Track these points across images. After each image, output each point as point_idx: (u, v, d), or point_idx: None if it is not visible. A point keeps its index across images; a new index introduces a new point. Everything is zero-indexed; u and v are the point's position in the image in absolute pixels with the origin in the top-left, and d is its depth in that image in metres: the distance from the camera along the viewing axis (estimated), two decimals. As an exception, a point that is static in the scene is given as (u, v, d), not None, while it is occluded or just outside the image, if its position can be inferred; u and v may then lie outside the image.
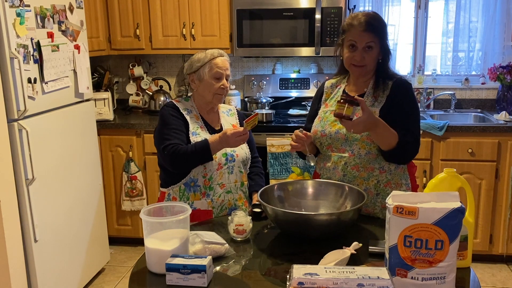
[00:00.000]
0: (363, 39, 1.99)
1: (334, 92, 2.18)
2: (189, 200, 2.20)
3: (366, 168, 2.03)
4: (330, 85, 2.22)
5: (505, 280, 3.35)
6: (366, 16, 2.01)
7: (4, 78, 2.50)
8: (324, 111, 2.15)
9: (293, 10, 3.59)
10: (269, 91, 4.04)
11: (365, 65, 2.02)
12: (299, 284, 1.24)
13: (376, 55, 2.02)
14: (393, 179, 2.06)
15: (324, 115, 2.13)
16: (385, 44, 2.04)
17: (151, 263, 1.61)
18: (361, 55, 2.00)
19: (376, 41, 2.00)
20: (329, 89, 2.22)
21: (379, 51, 2.03)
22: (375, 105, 2.03)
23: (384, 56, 2.06)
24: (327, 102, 2.18)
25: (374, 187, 2.05)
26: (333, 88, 2.20)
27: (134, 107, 4.16)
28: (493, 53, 3.86)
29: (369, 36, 1.98)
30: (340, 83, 2.19)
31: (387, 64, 2.08)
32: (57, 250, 2.93)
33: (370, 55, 2.01)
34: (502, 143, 3.34)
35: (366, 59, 2.01)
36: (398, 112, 1.99)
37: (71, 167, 3.07)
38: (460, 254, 1.53)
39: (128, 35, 3.87)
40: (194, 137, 2.17)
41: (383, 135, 1.93)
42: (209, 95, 2.22)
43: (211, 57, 2.20)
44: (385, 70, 2.07)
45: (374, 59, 2.03)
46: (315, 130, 2.13)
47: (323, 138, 2.10)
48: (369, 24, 1.98)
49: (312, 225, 1.74)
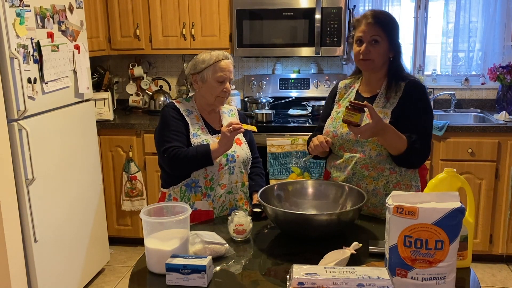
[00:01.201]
0: (368, 32, 1.99)
1: (348, 92, 2.18)
2: (190, 201, 2.20)
3: (376, 168, 2.03)
4: (344, 86, 2.22)
5: (505, 280, 3.35)
6: (374, 11, 2.03)
7: (4, 78, 2.50)
8: (337, 111, 2.16)
9: (293, 10, 3.59)
10: (269, 91, 4.04)
11: (371, 60, 2.01)
12: (299, 284, 1.24)
13: (383, 50, 2.01)
14: (403, 181, 2.06)
15: (336, 116, 2.14)
16: (394, 41, 2.03)
17: (151, 263, 1.61)
18: (366, 49, 1.99)
19: (383, 36, 1.99)
20: (342, 89, 2.21)
21: (387, 47, 2.01)
22: (387, 106, 2.02)
23: (395, 54, 2.04)
24: (340, 103, 2.18)
25: (383, 187, 2.05)
26: (347, 88, 2.20)
27: (134, 107, 4.16)
28: (493, 53, 3.86)
29: (375, 29, 1.98)
30: (354, 83, 2.19)
31: (399, 63, 2.06)
32: (57, 250, 2.93)
33: (376, 49, 1.99)
34: (502, 143, 3.33)
35: (372, 53, 1.99)
36: (410, 115, 1.99)
37: (71, 167, 3.07)
38: (460, 254, 1.53)
39: (128, 35, 3.87)
40: (195, 138, 2.17)
41: (392, 141, 1.94)
42: (211, 97, 2.21)
43: (216, 60, 2.18)
44: (397, 70, 2.06)
45: (381, 54, 2.01)
46: (327, 130, 2.14)
47: (335, 139, 2.10)
48: (376, 18, 1.99)
49: (312, 225, 1.74)
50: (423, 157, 2.03)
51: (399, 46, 2.05)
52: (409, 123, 1.98)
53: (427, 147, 2.02)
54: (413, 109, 2.00)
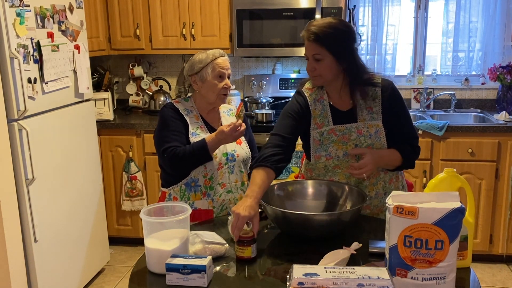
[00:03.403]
0: (309, 50, 1.93)
1: (320, 108, 2.03)
2: (190, 200, 2.20)
3: (373, 175, 2.05)
4: (313, 101, 2.04)
5: (505, 280, 3.35)
6: (316, 26, 1.90)
7: (4, 78, 2.50)
8: (320, 132, 2.02)
9: (293, 10, 3.59)
10: (269, 91, 4.04)
11: (319, 75, 1.95)
12: (299, 284, 1.24)
13: (329, 65, 1.91)
14: (393, 174, 2.10)
15: (321, 137, 2.01)
16: (341, 53, 1.90)
17: (151, 263, 1.61)
18: (311, 66, 1.94)
19: (324, 52, 1.89)
20: (313, 105, 2.04)
21: (332, 61, 1.90)
22: (375, 117, 1.99)
23: (348, 66, 1.92)
24: (317, 121, 2.03)
25: (382, 188, 2.08)
26: (316, 102, 2.04)
27: (134, 107, 4.16)
28: (493, 53, 3.85)
29: (315, 47, 1.90)
30: (320, 95, 2.05)
31: (355, 73, 1.94)
32: (57, 250, 2.93)
33: (321, 66, 1.92)
34: (502, 143, 3.34)
35: (318, 69, 1.93)
36: (397, 119, 2.01)
37: (71, 167, 3.07)
38: (460, 254, 1.53)
39: (128, 35, 3.87)
40: (194, 137, 2.17)
41: (389, 163, 2.00)
42: (213, 95, 2.21)
43: (213, 58, 2.19)
44: (356, 76, 1.94)
45: (328, 69, 1.92)
46: (317, 155, 2.03)
47: (328, 162, 2.03)
48: (315, 34, 1.88)
49: (312, 225, 1.74)
50: (417, 156, 2.07)
51: (350, 55, 1.93)
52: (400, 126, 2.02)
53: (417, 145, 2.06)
54: (397, 112, 2.01)
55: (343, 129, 2.00)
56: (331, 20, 1.93)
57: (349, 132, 1.99)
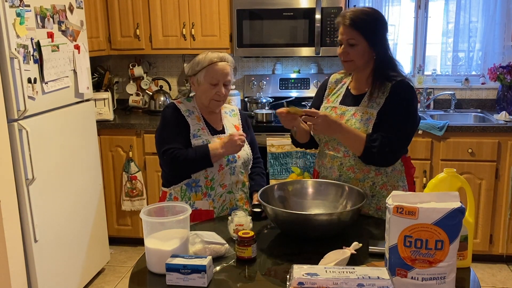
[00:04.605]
0: (345, 35, 1.97)
1: (338, 87, 2.16)
2: (191, 200, 2.20)
3: (361, 170, 2.02)
4: (335, 80, 2.19)
5: (505, 280, 3.35)
6: (352, 12, 1.97)
7: (4, 78, 2.50)
8: (325, 107, 2.13)
9: (293, 10, 3.59)
10: (269, 91, 4.04)
11: (352, 60, 1.99)
12: (299, 284, 1.24)
13: (362, 51, 1.96)
14: (389, 182, 2.04)
15: (324, 111, 2.05)
16: (374, 41, 1.96)
17: (151, 263, 1.61)
18: (345, 51, 1.98)
19: (359, 38, 1.94)
20: (333, 84, 2.19)
21: (366, 48, 1.96)
22: (374, 106, 1.98)
23: (379, 52, 1.98)
24: (329, 98, 2.16)
25: (369, 188, 2.04)
26: (337, 83, 2.18)
27: (134, 107, 4.16)
28: (493, 53, 3.86)
29: (351, 32, 1.95)
30: (345, 78, 2.17)
31: (385, 60, 2.00)
32: (57, 250, 2.93)
33: (354, 51, 1.96)
34: (502, 143, 3.33)
35: (351, 54, 1.97)
36: (390, 113, 1.95)
37: (71, 167, 3.07)
38: (460, 254, 1.53)
39: (128, 35, 3.87)
40: (195, 139, 2.16)
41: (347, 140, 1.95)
42: (206, 100, 2.19)
43: (210, 63, 2.14)
44: (384, 68, 1.99)
45: (361, 55, 1.97)
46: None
47: (321, 135, 2.09)
48: (351, 20, 1.94)
49: (312, 225, 1.74)
50: (391, 156, 1.98)
51: (382, 44, 1.99)
52: (386, 119, 1.95)
53: (400, 146, 1.98)
54: (394, 108, 1.95)
55: (344, 110, 2.05)
56: (366, 9, 2.02)
57: (347, 113, 2.03)
